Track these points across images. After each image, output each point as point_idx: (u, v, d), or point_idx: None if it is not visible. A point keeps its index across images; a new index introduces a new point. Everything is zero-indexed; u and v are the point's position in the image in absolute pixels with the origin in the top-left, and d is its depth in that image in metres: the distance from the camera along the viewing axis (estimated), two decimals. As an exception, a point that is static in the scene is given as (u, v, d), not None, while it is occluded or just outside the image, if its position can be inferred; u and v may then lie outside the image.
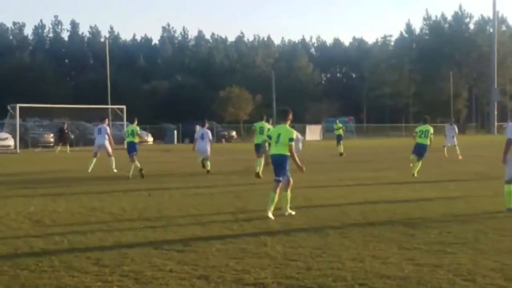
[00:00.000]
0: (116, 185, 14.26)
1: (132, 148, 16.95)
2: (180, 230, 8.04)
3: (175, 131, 50.31)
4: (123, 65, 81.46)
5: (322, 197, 11.53)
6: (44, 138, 37.78)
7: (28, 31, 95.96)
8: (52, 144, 36.42)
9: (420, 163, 16.22)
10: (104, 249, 6.78)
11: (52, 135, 37.58)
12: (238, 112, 65.66)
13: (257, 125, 17.20)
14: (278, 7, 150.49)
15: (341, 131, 28.68)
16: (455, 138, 24.77)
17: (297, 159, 9.21)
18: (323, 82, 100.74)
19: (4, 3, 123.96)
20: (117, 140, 41.48)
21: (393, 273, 5.54)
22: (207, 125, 18.76)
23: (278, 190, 9.06)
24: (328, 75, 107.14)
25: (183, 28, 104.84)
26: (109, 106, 42.53)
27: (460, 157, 23.19)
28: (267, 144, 12.04)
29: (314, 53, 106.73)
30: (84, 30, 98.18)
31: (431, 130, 16.30)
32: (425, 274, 5.53)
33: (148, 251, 6.66)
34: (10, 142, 33.31)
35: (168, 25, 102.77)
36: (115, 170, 18.17)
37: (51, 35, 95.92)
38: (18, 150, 31.81)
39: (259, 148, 16.37)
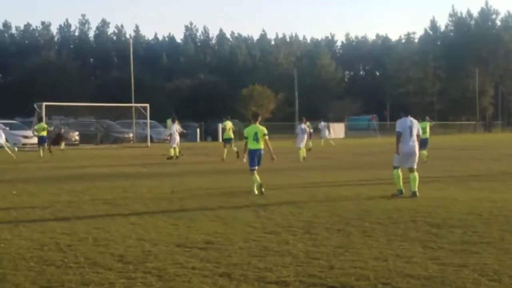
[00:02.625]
0: (139, 183, 14.41)
1: (43, 140, 25.37)
2: (202, 227, 8.08)
3: (198, 129, 50.51)
4: (147, 63, 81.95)
5: (344, 195, 11.47)
6: (69, 136, 38.36)
7: (54, 30, 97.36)
8: (77, 142, 37.00)
9: None
10: (128, 246, 6.86)
11: (77, 133, 38.23)
12: (261, 110, 65.56)
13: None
14: (301, 5, 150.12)
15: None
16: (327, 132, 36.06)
17: (271, 148, 12.05)
18: (346, 79, 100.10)
19: (33, 3, 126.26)
20: (141, 139, 42.10)
21: (417, 273, 5.48)
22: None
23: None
24: (351, 73, 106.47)
25: (204, 27, 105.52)
26: (133, 105, 42.87)
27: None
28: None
29: (337, 50, 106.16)
30: (109, 29, 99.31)
31: None
32: (450, 274, 5.46)
33: (171, 248, 6.71)
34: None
35: (191, 23, 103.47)
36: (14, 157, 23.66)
37: (77, 33, 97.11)
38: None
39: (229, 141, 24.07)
